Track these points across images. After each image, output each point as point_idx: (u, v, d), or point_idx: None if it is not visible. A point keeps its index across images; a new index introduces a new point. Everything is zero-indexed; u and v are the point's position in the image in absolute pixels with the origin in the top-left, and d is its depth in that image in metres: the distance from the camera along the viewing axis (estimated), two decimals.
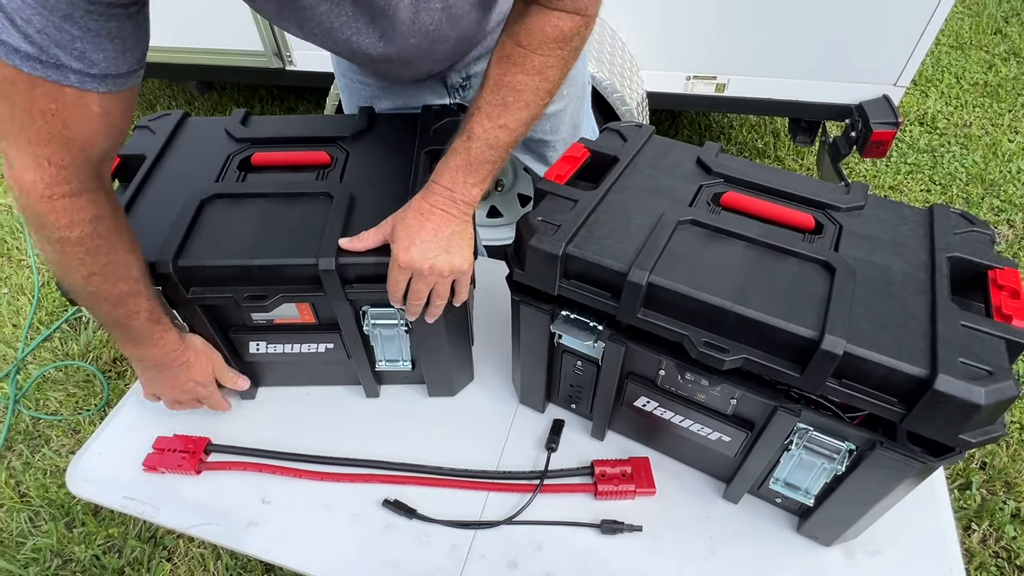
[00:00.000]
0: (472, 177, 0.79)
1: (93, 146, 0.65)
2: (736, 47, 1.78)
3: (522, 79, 0.75)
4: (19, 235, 2.42)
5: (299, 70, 2.07)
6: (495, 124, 0.76)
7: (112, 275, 0.74)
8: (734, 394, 0.79)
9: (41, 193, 0.65)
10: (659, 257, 0.75)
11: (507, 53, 0.75)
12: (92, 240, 0.70)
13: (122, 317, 0.78)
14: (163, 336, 0.84)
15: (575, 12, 0.74)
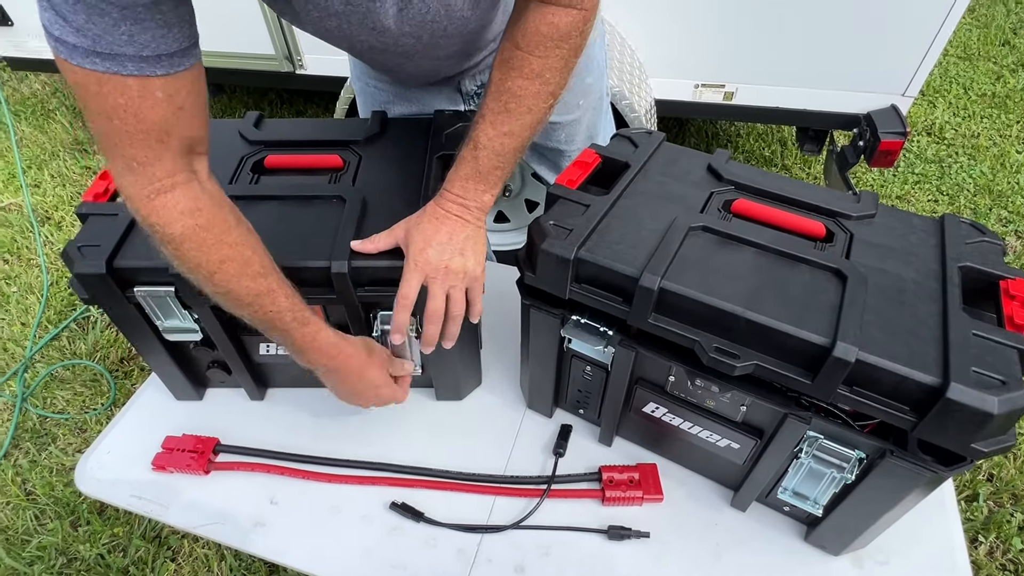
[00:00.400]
0: (482, 184, 0.79)
1: (169, 135, 0.64)
2: (745, 56, 1.79)
3: (522, 84, 0.75)
4: (28, 234, 2.43)
5: (309, 74, 2.08)
6: (499, 132, 0.76)
7: (234, 274, 0.71)
8: (744, 401, 0.79)
9: (139, 195, 0.65)
10: (671, 262, 0.75)
11: (506, 57, 0.75)
12: (197, 235, 0.68)
13: (268, 320, 0.75)
14: (316, 338, 0.79)
15: (570, 6, 0.73)
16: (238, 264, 0.72)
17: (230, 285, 0.72)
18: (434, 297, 0.80)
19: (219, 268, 0.70)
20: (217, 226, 0.70)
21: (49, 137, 2.95)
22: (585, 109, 1.13)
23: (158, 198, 0.66)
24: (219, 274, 0.71)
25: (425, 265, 0.78)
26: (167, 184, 0.66)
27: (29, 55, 2.36)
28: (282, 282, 0.76)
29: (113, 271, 0.84)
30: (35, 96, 3.24)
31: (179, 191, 0.67)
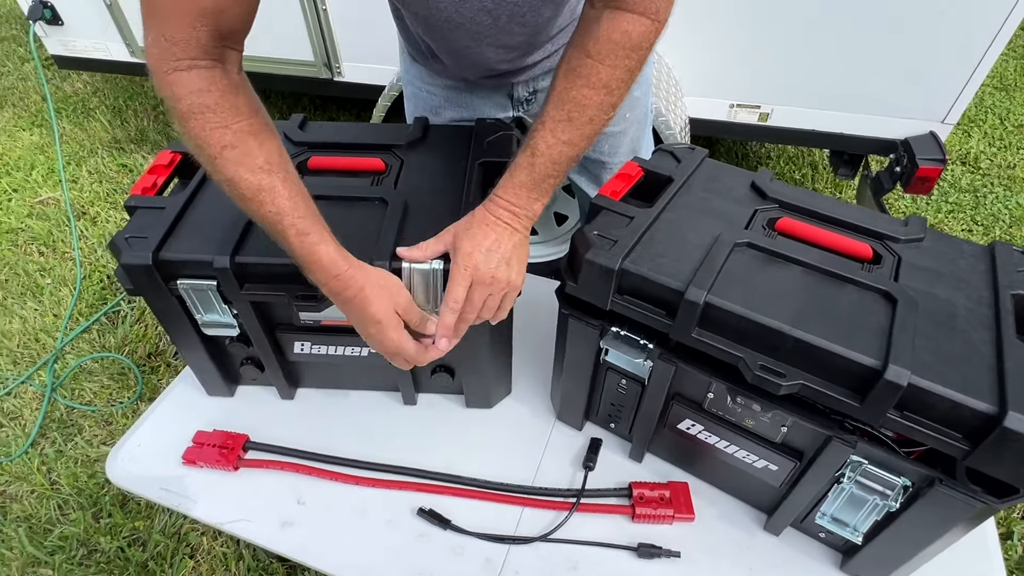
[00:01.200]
0: (535, 192, 0.79)
1: (203, 21, 0.65)
2: (782, 77, 1.78)
3: (587, 93, 0.74)
4: (64, 228, 2.48)
5: (347, 81, 2.11)
6: (559, 140, 0.76)
7: (234, 161, 0.70)
8: (785, 421, 0.77)
9: (159, 68, 0.67)
10: (716, 277, 0.74)
11: (573, 66, 0.75)
12: (202, 113, 0.68)
13: (268, 221, 0.73)
14: (314, 251, 0.74)
15: (644, 15, 0.72)
16: (239, 152, 0.70)
17: (229, 172, 0.70)
18: (472, 301, 0.79)
19: (220, 152, 0.70)
20: (224, 110, 0.69)
21: (88, 135, 3.02)
22: (631, 122, 1.13)
23: (174, 74, 0.67)
24: (220, 159, 0.70)
25: (473, 271, 0.78)
26: (185, 64, 0.67)
27: (76, 54, 2.42)
28: (289, 184, 0.73)
29: (158, 263, 0.85)
30: (77, 95, 3.32)
31: (195, 72, 0.68)
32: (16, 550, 1.52)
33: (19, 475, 1.69)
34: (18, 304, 2.18)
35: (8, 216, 2.55)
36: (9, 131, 3.05)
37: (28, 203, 2.62)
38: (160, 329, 2.07)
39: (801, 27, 1.68)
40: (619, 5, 0.73)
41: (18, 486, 1.67)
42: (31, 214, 2.57)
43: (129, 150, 2.91)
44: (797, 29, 1.68)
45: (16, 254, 2.38)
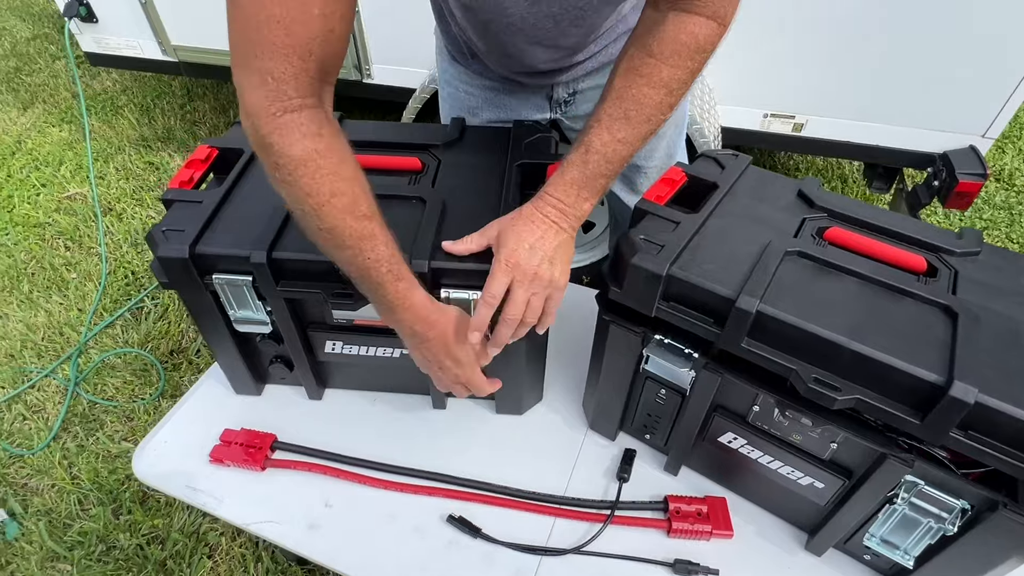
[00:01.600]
0: (586, 191, 0.77)
1: (312, 55, 0.63)
2: (818, 87, 1.75)
3: (647, 92, 0.73)
4: (91, 223, 2.50)
5: (376, 83, 2.11)
6: (614, 138, 0.74)
7: (342, 208, 0.69)
8: (836, 437, 0.74)
9: (265, 110, 0.63)
10: (768, 286, 0.72)
11: (634, 64, 0.73)
12: (314, 160, 0.66)
13: (364, 268, 0.72)
14: (408, 296, 0.75)
15: (712, 18, 0.71)
16: (347, 200, 0.69)
17: (335, 221, 0.69)
18: (515, 301, 0.77)
19: (328, 201, 0.68)
20: (335, 156, 0.68)
21: (116, 132, 3.05)
22: (668, 126, 1.11)
23: (284, 116, 0.64)
24: (327, 207, 0.68)
25: (515, 267, 0.76)
26: (296, 104, 0.64)
27: (108, 51, 2.45)
28: (384, 230, 0.73)
29: (195, 257, 0.84)
30: (106, 92, 3.36)
31: (306, 113, 0.65)
32: (36, 543, 1.52)
33: (41, 469, 1.69)
34: (43, 297, 2.19)
35: (36, 210, 2.58)
36: (39, 127, 3.09)
37: (56, 198, 2.65)
38: (183, 326, 2.08)
39: (839, 36, 1.65)
40: (686, 7, 0.72)
41: (39, 479, 1.67)
42: (58, 209, 2.59)
43: (156, 148, 2.94)
44: (834, 38, 1.66)
45: (43, 248, 2.40)
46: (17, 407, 1.84)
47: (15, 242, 2.42)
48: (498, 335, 0.80)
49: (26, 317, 2.11)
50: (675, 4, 0.72)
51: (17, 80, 3.43)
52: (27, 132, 3.05)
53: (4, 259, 2.34)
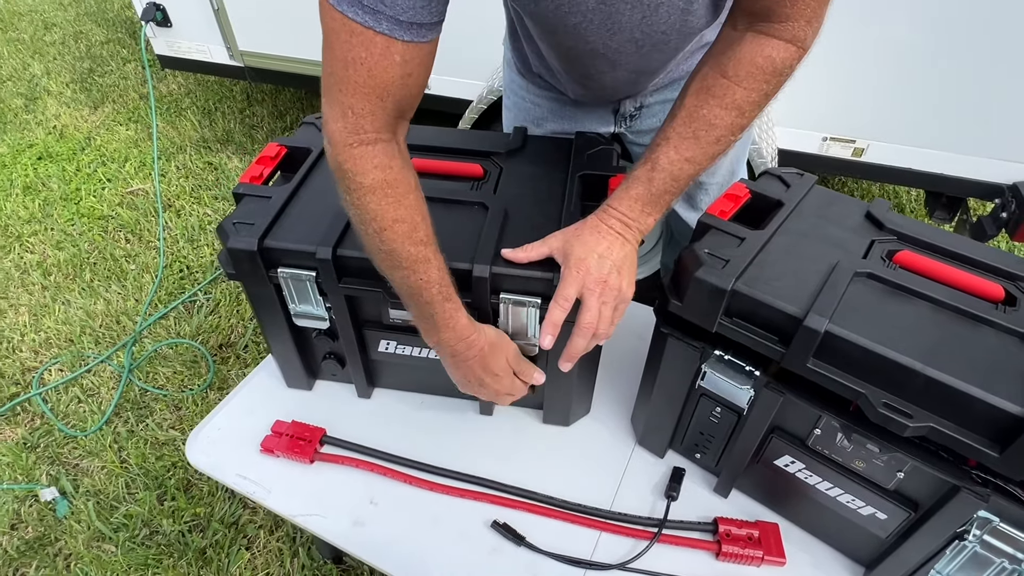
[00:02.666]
0: (650, 207, 0.77)
1: (390, 95, 0.68)
2: (880, 111, 1.71)
3: (719, 113, 0.73)
4: (151, 218, 2.60)
5: (432, 94, 2.14)
6: (682, 157, 0.74)
7: (402, 234, 0.73)
8: (903, 466, 0.71)
9: (343, 141, 0.69)
10: (837, 306, 0.70)
11: (708, 84, 0.73)
12: (383, 189, 0.71)
13: (415, 288, 0.76)
14: (454, 317, 0.79)
15: (791, 42, 0.70)
16: (408, 226, 0.73)
17: (395, 245, 0.73)
18: (590, 309, 0.77)
19: (391, 226, 0.73)
20: (402, 185, 0.73)
21: (179, 132, 3.17)
22: None
23: (359, 148, 0.69)
24: (389, 231, 0.73)
25: (586, 275, 0.76)
26: (371, 137, 0.70)
27: (179, 55, 2.56)
28: (438, 255, 0.77)
29: (263, 250, 0.87)
30: (171, 95, 3.50)
31: (379, 146, 0.71)
32: (84, 523, 1.57)
33: (92, 451, 1.75)
34: (103, 287, 2.28)
35: (101, 204, 2.69)
36: (108, 125, 3.23)
37: (120, 193, 2.76)
38: (232, 321, 2.13)
39: (905, 59, 1.61)
40: (764, 30, 0.71)
41: (90, 461, 1.72)
42: (121, 203, 2.70)
43: (215, 149, 3.04)
44: (900, 61, 1.62)
45: (105, 239, 2.50)
46: (74, 390, 1.91)
47: (80, 233, 2.53)
48: (573, 347, 0.80)
49: (86, 304, 2.20)
50: (753, 25, 0.71)
51: (90, 80, 3.61)
52: (96, 130, 3.20)
53: (69, 248, 2.45)
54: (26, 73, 3.68)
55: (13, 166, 2.91)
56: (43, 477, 1.69)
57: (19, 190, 2.75)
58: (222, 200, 2.71)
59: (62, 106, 3.36)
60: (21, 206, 2.66)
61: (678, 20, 0.79)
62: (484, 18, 1.87)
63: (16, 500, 1.63)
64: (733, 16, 0.74)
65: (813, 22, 0.70)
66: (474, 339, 0.82)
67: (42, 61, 3.81)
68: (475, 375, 0.85)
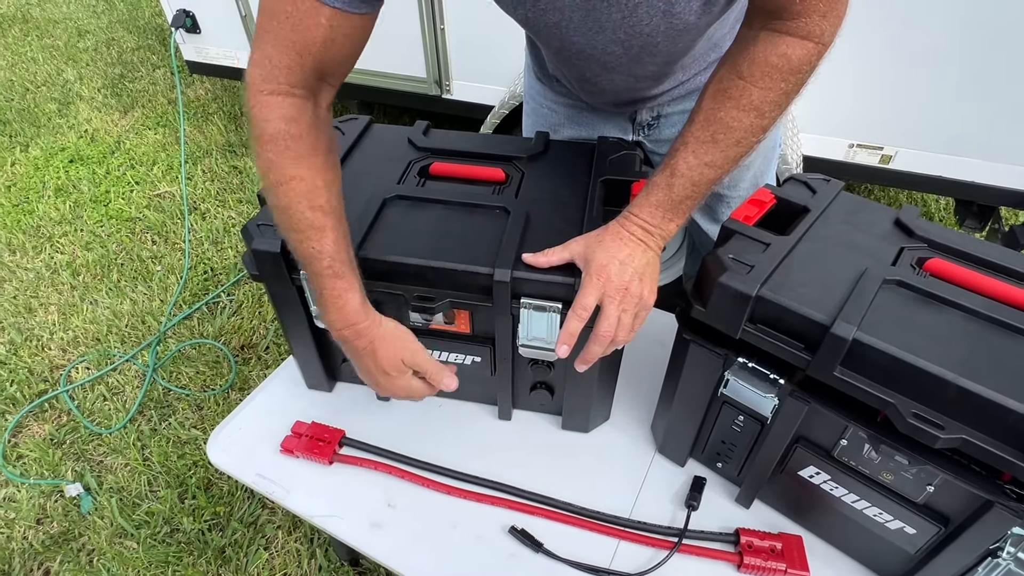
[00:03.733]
0: (671, 213, 0.76)
1: (310, 55, 0.69)
2: (909, 117, 1.68)
3: (736, 115, 0.71)
4: (177, 220, 2.64)
5: (455, 99, 2.16)
6: (701, 161, 0.73)
7: (299, 193, 0.73)
8: (934, 479, 0.69)
9: (256, 86, 0.70)
10: (866, 313, 0.69)
11: (724, 86, 0.72)
12: (284, 140, 0.71)
13: (307, 256, 0.76)
14: (343, 297, 0.77)
15: (807, 38, 0.68)
16: (306, 186, 0.73)
17: (290, 202, 0.73)
18: (608, 317, 0.76)
19: (287, 181, 0.73)
20: (306, 144, 0.73)
21: (205, 137, 3.23)
22: (758, 154, 1.08)
23: (270, 96, 0.70)
24: (285, 187, 0.73)
25: (607, 282, 0.75)
26: (283, 89, 0.70)
27: (208, 61, 2.61)
28: (338, 229, 0.76)
29: (286, 251, 0.87)
30: (198, 100, 3.57)
31: (290, 100, 0.71)
32: (107, 519, 1.59)
33: (116, 448, 1.77)
34: (130, 287, 2.32)
35: (129, 206, 2.74)
36: (137, 130, 3.30)
37: (147, 195, 2.81)
38: (255, 323, 2.15)
39: (934, 63, 1.58)
40: (778, 27, 0.69)
41: (114, 458, 1.75)
42: (149, 205, 2.75)
43: (240, 153, 3.09)
44: (929, 65, 1.59)
45: (132, 241, 2.55)
46: (99, 388, 1.94)
47: (108, 234, 2.59)
48: (589, 352, 0.79)
49: (113, 304, 2.24)
50: (768, 23, 0.70)
51: (121, 86, 3.69)
52: (126, 134, 3.27)
53: (98, 249, 2.50)
54: (60, 78, 3.78)
55: (46, 169, 2.99)
56: (68, 473, 1.72)
57: (51, 192, 2.82)
58: (246, 203, 2.75)
59: (93, 111, 3.45)
60: (53, 207, 2.73)
61: (661, 21, 0.77)
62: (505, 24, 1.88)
63: (42, 495, 1.66)
64: (748, 16, 0.72)
65: (829, 15, 0.68)
66: (364, 328, 0.80)
67: (75, 67, 3.91)
68: (365, 366, 0.83)
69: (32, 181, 2.90)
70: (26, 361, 2.03)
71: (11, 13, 4.65)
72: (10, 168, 3.00)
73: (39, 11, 4.70)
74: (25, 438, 1.82)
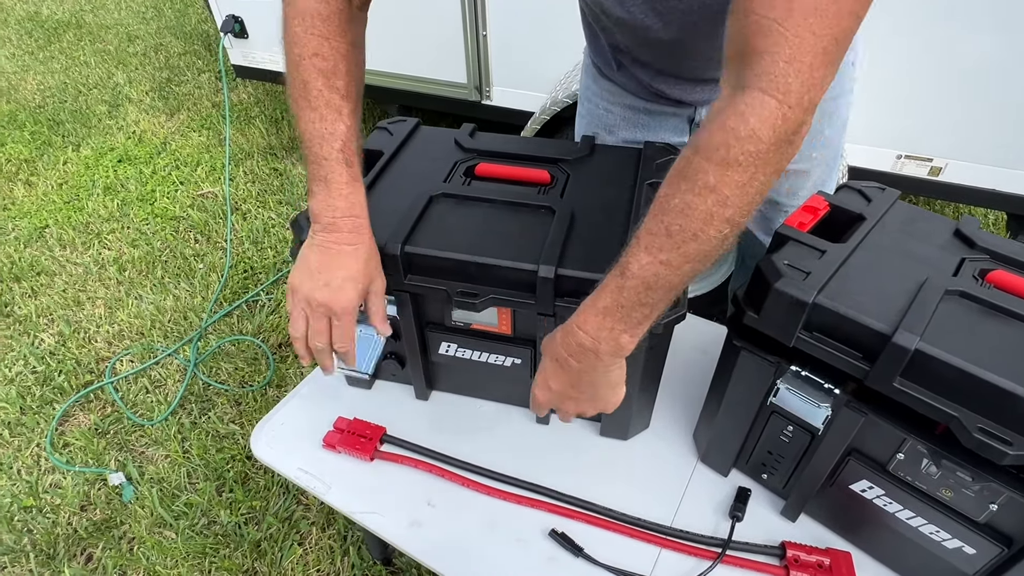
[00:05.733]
0: (621, 324, 0.65)
1: None
2: (960, 128, 1.64)
3: (691, 200, 0.58)
4: (219, 220, 2.70)
5: (494, 105, 2.18)
6: (654, 259, 0.61)
7: (320, 70, 0.73)
8: (997, 498, 0.67)
9: None
10: (928, 324, 0.67)
11: (681, 166, 0.60)
12: (311, 17, 0.72)
13: (318, 136, 0.74)
14: (351, 184, 0.75)
15: (766, 91, 0.54)
16: (329, 65, 0.73)
17: (309, 78, 0.73)
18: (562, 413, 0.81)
19: (310, 57, 0.73)
20: (332, 26, 0.73)
21: (247, 139, 3.30)
22: (818, 163, 1.05)
23: None
24: (307, 62, 0.73)
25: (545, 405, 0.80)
26: None
27: (254, 65, 2.68)
28: (354, 120, 0.76)
29: None
30: (241, 104, 3.65)
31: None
32: (147, 508, 1.63)
33: (157, 440, 1.81)
34: (173, 284, 2.38)
35: (174, 205, 2.82)
36: (183, 131, 3.39)
37: (191, 195, 2.89)
38: None
39: (985, 73, 1.54)
40: (744, 82, 0.56)
41: (155, 449, 1.79)
42: (192, 205, 2.82)
43: (281, 156, 3.15)
44: (981, 75, 1.54)
45: (176, 239, 2.61)
46: (142, 380, 1.99)
47: (153, 232, 2.66)
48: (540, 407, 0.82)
49: (157, 300, 2.30)
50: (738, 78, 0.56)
51: (167, 89, 3.80)
52: (172, 135, 3.36)
53: (143, 246, 2.57)
54: (110, 82, 3.91)
55: (96, 168, 3.09)
56: (112, 462, 1.76)
57: (100, 190, 2.92)
58: (286, 204, 2.80)
59: (141, 113, 3.55)
60: (101, 205, 2.82)
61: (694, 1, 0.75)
62: (547, 31, 1.90)
63: (86, 482, 1.71)
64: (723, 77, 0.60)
65: (795, 62, 0.53)
66: (362, 224, 0.77)
67: (125, 71, 4.04)
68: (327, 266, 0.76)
69: (83, 179, 3.00)
70: (74, 353, 2.10)
71: (66, 19, 4.84)
72: (62, 167, 3.11)
73: (92, 17, 4.87)
74: (71, 427, 1.87)
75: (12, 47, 4.42)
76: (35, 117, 3.54)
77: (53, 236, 2.64)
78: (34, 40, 4.51)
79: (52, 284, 2.40)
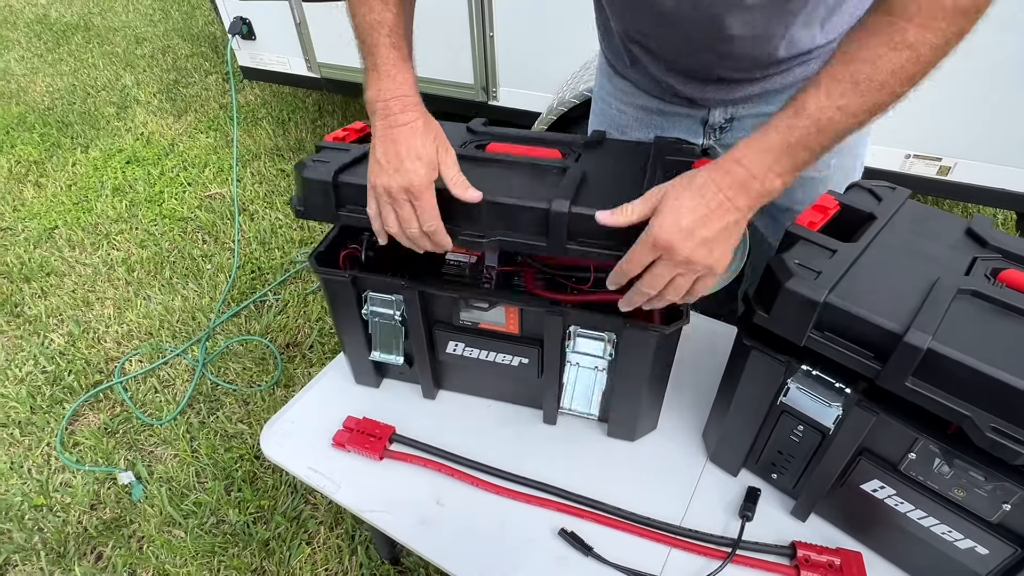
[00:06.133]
0: (783, 163, 0.65)
1: None
2: (970, 128, 1.63)
3: (884, 53, 0.61)
4: (227, 220, 2.72)
5: (501, 106, 2.18)
6: (833, 104, 0.62)
7: None
8: (1010, 497, 0.67)
9: None
10: (940, 323, 0.66)
11: (869, 26, 0.62)
12: None
13: (369, 26, 0.75)
14: (399, 66, 0.76)
15: None
16: None
17: None
18: (653, 275, 0.70)
19: None
20: None
21: (254, 141, 3.32)
22: (835, 169, 1.04)
23: None
24: None
25: (665, 249, 0.68)
26: None
27: (261, 66, 2.69)
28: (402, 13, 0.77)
29: (336, 184, 0.86)
30: (248, 105, 3.67)
31: None
32: (157, 507, 1.64)
33: (166, 439, 1.82)
34: (181, 284, 2.39)
35: (182, 206, 2.83)
36: (190, 133, 3.41)
37: (199, 196, 2.90)
38: (299, 321, 2.20)
39: (996, 71, 1.53)
40: None
41: (164, 449, 1.80)
42: (200, 206, 2.84)
43: (288, 157, 3.16)
44: (991, 73, 1.53)
45: (184, 240, 2.63)
46: (151, 380, 2.00)
47: (162, 232, 2.67)
48: (630, 299, 0.75)
49: (165, 300, 2.31)
50: None
51: (175, 91, 3.82)
52: (179, 137, 3.38)
53: (152, 247, 2.59)
54: (118, 83, 3.94)
55: (104, 169, 3.11)
56: (121, 461, 1.77)
57: (109, 191, 2.93)
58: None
59: (149, 114, 3.58)
60: (110, 206, 2.83)
61: None
62: (554, 32, 1.90)
63: (96, 481, 1.72)
64: None
65: None
66: (413, 101, 0.77)
67: (133, 73, 4.06)
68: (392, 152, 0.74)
69: (91, 181, 3.02)
70: (83, 352, 2.11)
71: (74, 21, 4.87)
72: (71, 168, 3.13)
73: (100, 19, 4.91)
74: (81, 426, 1.88)
75: (21, 50, 4.46)
76: (44, 119, 3.56)
77: (62, 237, 2.66)
78: (43, 43, 4.55)
79: (61, 284, 2.41)
